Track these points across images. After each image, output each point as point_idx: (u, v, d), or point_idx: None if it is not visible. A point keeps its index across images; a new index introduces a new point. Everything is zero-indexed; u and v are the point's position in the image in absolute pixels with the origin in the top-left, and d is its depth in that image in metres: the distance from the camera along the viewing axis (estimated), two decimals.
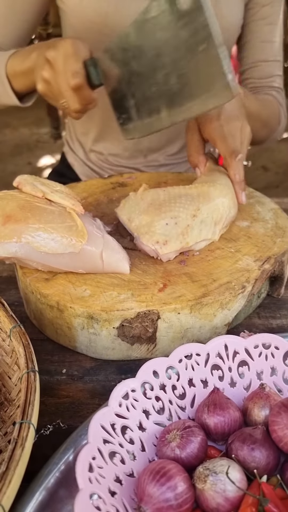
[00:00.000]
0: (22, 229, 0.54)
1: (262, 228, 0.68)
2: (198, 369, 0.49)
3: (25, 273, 0.59)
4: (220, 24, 0.88)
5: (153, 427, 0.45)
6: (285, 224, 0.69)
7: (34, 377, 0.44)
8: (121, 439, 0.43)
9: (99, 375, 0.57)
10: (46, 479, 0.41)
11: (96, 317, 0.54)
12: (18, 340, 0.49)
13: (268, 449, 0.41)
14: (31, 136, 3.76)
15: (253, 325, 0.63)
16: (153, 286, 0.57)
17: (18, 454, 0.38)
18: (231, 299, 0.56)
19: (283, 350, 0.49)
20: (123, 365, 0.58)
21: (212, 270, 0.60)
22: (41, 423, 0.48)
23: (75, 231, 0.55)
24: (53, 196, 0.58)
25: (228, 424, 0.44)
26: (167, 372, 0.48)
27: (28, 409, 0.41)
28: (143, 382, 0.46)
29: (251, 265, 0.60)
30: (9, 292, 0.69)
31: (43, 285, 0.57)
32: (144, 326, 0.55)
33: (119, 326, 0.55)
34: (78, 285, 0.57)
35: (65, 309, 0.55)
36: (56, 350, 0.60)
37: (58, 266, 0.57)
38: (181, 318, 0.55)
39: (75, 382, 0.56)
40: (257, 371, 0.49)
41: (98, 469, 0.39)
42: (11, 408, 0.48)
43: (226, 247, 0.64)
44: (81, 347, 0.58)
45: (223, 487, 0.38)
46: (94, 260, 0.57)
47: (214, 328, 0.57)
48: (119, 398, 0.44)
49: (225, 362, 0.49)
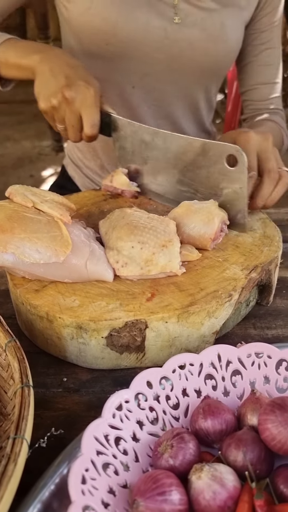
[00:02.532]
0: (8, 239, 0.55)
1: (250, 237, 0.69)
2: (191, 379, 0.49)
3: (16, 284, 0.60)
4: (224, 47, 0.92)
5: (147, 437, 0.46)
6: (273, 233, 0.70)
7: (28, 391, 0.44)
8: (115, 450, 0.43)
9: (95, 387, 0.57)
10: (41, 492, 0.41)
11: (84, 327, 0.55)
12: (13, 355, 0.49)
13: (259, 451, 0.41)
14: (32, 149, 3.80)
15: (249, 336, 0.64)
16: (141, 296, 0.58)
17: (11, 469, 0.38)
18: (218, 307, 0.57)
19: (275, 359, 0.50)
20: (119, 377, 0.58)
21: (200, 279, 0.61)
22: (36, 436, 0.48)
23: (60, 240, 0.56)
24: (42, 206, 0.59)
25: (221, 423, 0.44)
26: (160, 383, 0.48)
27: (22, 424, 0.41)
28: (137, 392, 0.47)
29: (238, 274, 0.61)
30: (6, 306, 0.69)
31: (33, 296, 0.58)
32: (132, 335, 0.56)
33: (108, 336, 0.56)
34: (67, 295, 0.58)
35: (55, 319, 0.56)
36: (52, 363, 0.60)
37: (44, 275, 0.58)
38: (168, 327, 0.56)
39: (71, 394, 0.56)
40: (250, 380, 0.50)
41: (91, 481, 0.39)
42: (7, 422, 0.49)
43: (214, 257, 0.65)
44: (71, 357, 0.59)
45: (220, 475, 0.39)
46: (79, 270, 0.58)
47: (202, 336, 0.58)
48: (112, 409, 0.45)
49: (218, 371, 0.50)
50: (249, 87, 1.03)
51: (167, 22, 0.86)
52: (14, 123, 4.21)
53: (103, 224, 0.68)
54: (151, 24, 0.85)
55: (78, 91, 0.69)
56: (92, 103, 0.69)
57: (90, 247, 0.60)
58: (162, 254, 0.59)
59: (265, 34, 0.97)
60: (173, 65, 0.90)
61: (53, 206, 0.60)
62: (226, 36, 0.90)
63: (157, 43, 0.87)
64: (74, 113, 0.70)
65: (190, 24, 0.87)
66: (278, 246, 0.67)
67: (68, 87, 0.69)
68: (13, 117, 4.29)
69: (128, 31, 0.85)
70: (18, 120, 4.25)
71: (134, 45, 0.87)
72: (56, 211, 0.60)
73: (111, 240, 0.62)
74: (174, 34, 0.87)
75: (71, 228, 0.60)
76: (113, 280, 0.61)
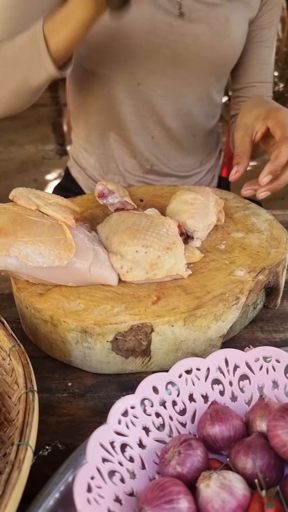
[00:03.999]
0: (11, 243, 0.54)
1: (257, 239, 0.68)
2: (198, 384, 0.48)
3: (19, 288, 0.60)
4: (229, 42, 0.91)
5: (153, 444, 0.44)
6: (280, 235, 0.69)
7: (32, 397, 0.44)
8: (121, 457, 0.42)
9: (100, 392, 0.56)
10: (45, 500, 0.40)
11: (89, 331, 0.54)
12: (17, 359, 0.49)
13: (269, 458, 0.40)
14: (36, 153, 3.81)
15: (257, 340, 0.63)
16: (146, 299, 0.57)
17: (15, 477, 0.37)
18: (225, 310, 0.56)
19: (284, 363, 0.48)
20: (124, 382, 0.57)
21: (206, 282, 0.60)
22: (41, 443, 0.47)
23: (63, 244, 0.56)
24: (46, 209, 0.59)
25: (229, 430, 0.43)
26: (167, 388, 0.47)
27: (26, 431, 0.41)
28: (143, 398, 0.46)
29: (245, 276, 0.60)
30: (10, 310, 0.69)
31: (37, 299, 0.58)
32: (138, 339, 0.55)
33: (113, 340, 0.55)
34: (72, 299, 0.58)
35: (59, 323, 0.55)
36: (57, 368, 0.60)
37: (47, 279, 0.57)
38: (175, 330, 0.55)
39: (76, 400, 0.55)
40: (258, 385, 0.49)
41: (97, 489, 0.38)
42: (11, 428, 0.48)
43: (220, 259, 0.64)
44: (76, 361, 0.58)
45: (228, 483, 0.38)
46: (82, 273, 0.57)
47: (209, 340, 0.57)
48: (118, 415, 0.43)
49: (225, 376, 0.49)
50: (245, 85, 1.03)
51: (172, 18, 0.86)
52: (18, 127, 4.22)
53: (102, 229, 0.67)
54: (156, 20, 0.85)
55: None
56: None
57: (94, 251, 0.59)
58: (168, 257, 0.59)
59: (265, 32, 0.98)
60: (178, 60, 0.90)
61: (57, 209, 0.60)
62: (231, 31, 0.90)
63: (163, 39, 0.87)
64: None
65: (195, 19, 0.87)
66: (285, 247, 0.66)
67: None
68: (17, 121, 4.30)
69: (133, 27, 0.84)
70: (22, 124, 4.26)
71: (140, 42, 0.86)
72: (60, 214, 0.59)
73: (113, 245, 0.61)
74: (179, 30, 0.87)
75: (75, 232, 0.59)
76: (118, 284, 0.60)
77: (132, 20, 0.83)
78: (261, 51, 0.99)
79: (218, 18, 0.88)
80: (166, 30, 0.86)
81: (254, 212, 0.76)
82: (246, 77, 1.03)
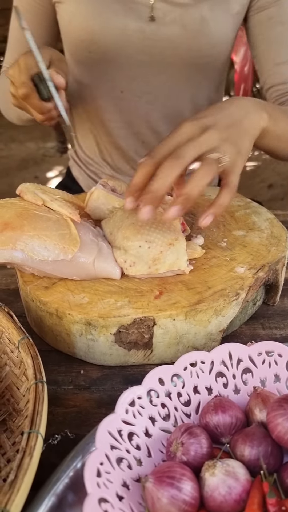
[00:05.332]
0: (17, 236, 0.56)
1: (257, 237, 0.70)
2: (203, 377, 0.50)
3: (25, 282, 0.61)
4: (208, 41, 0.90)
5: (159, 433, 0.46)
6: (280, 233, 0.70)
7: (42, 387, 0.45)
8: (128, 445, 0.44)
9: (106, 385, 0.58)
10: (55, 485, 0.42)
11: (93, 323, 0.56)
12: (26, 352, 0.50)
13: (267, 445, 0.42)
14: (37, 150, 3.82)
15: (258, 336, 0.64)
16: (149, 294, 0.59)
17: (26, 463, 0.38)
18: (225, 305, 0.58)
19: (286, 357, 0.50)
20: (129, 375, 0.59)
21: (207, 278, 0.61)
22: (48, 433, 0.48)
23: (68, 239, 0.57)
24: (52, 204, 0.60)
25: (231, 416, 0.45)
26: (172, 380, 0.49)
27: (36, 419, 0.42)
28: (149, 389, 0.47)
29: (245, 273, 0.62)
30: (17, 304, 0.70)
31: (43, 292, 0.59)
32: (141, 332, 0.56)
33: (116, 332, 0.56)
34: (76, 292, 0.59)
35: (64, 316, 0.57)
36: (63, 361, 0.61)
37: (52, 272, 0.59)
38: (176, 324, 0.56)
39: (82, 392, 0.57)
40: (261, 378, 0.50)
41: (106, 474, 0.40)
42: (19, 418, 0.49)
43: (222, 256, 0.66)
44: (80, 353, 0.60)
45: (232, 470, 0.39)
46: (86, 268, 0.59)
47: (209, 334, 0.59)
48: (125, 405, 0.45)
49: (229, 369, 0.50)
50: (268, 72, 0.92)
51: (145, 24, 0.85)
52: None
53: (106, 225, 0.68)
54: (129, 28, 0.85)
55: (14, 65, 0.69)
56: (21, 68, 0.67)
57: (98, 246, 0.60)
58: (170, 252, 0.60)
59: (272, 10, 0.88)
60: (158, 65, 0.90)
61: (63, 204, 0.61)
62: (208, 30, 0.87)
63: (138, 45, 0.87)
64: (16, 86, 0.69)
65: (169, 22, 0.86)
66: (285, 246, 0.67)
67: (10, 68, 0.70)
68: None
69: (106, 38, 0.86)
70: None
71: (115, 51, 0.87)
72: (65, 210, 0.60)
73: (117, 240, 0.63)
74: (153, 35, 0.86)
75: (80, 227, 0.61)
76: (122, 278, 0.61)
77: (104, 30, 0.85)
78: (272, 30, 0.89)
79: (193, 19, 0.85)
80: (139, 37, 0.86)
81: (255, 211, 0.77)
82: (265, 64, 0.92)
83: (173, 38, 0.87)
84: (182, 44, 0.87)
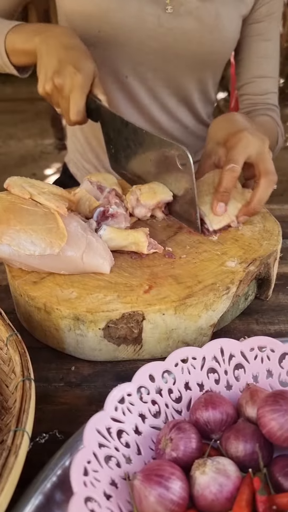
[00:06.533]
0: (3, 231, 0.55)
1: (249, 231, 0.69)
2: (194, 373, 0.49)
3: (14, 276, 0.61)
4: (219, 36, 0.90)
5: (149, 430, 0.45)
6: (272, 227, 0.70)
7: (29, 385, 0.44)
8: (117, 443, 0.43)
9: (97, 382, 0.57)
10: (42, 484, 0.41)
11: (82, 318, 0.55)
12: (14, 349, 0.50)
13: (257, 441, 0.41)
14: (35, 147, 3.81)
15: (251, 331, 0.64)
16: (139, 288, 0.58)
17: (12, 461, 0.38)
18: (215, 300, 0.57)
19: (278, 352, 0.49)
20: (120, 372, 0.58)
21: (197, 272, 0.60)
22: (38, 430, 0.48)
23: (55, 232, 0.56)
24: (39, 197, 0.59)
25: (221, 413, 0.44)
26: (163, 376, 0.48)
27: (23, 417, 0.41)
28: (139, 386, 0.47)
29: (236, 267, 0.61)
30: (8, 301, 0.69)
31: (31, 287, 0.58)
32: (130, 327, 0.56)
33: (105, 327, 0.56)
34: (65, 287, 0.58)
35: (52, 311, 0.56)
36: (54, 358, 0.60)
37: (40, 267, 0.58)
38: (166, 319, 0.56)
39: (73, 389, 0.56)
40: (253, 374, 0.50)
41: (93, 473, 0.39)
42: (8, 416, 0.49)
43: (213, 250, 0.65)
44: (69, 348, 0.59)
45: (223, 467, 0.39)
46: (75, 262, 0.58)
47: (199, 329, 0.58)
48: (115, 402, 0.44)
49: (221, 365, 0.50)
50: (246, 81, 1.01)
51: (161, 11, 0.85)
52: (17, 121, 4.22)
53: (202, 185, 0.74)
54: (144, 11, 0.84)
55: (66, 77, 0.70)
56: (77, 89, 0.69)
57: (87, 240, 0.59)
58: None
59: (263, 25, 0.95)
60: (167, 54, 0.90)
61: (50, 198, 0.60)
62: (222, 26, 0.88)
63: (151, 31, 0.86)
64: (64, 98, 0.72)
65: (184, 13, 0.86)
66: (277, 240, 0.66)
67: (57, 74, 0.70)
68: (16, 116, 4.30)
69: (120, 18, 0.84)
70: (21, 118, 4.26)
71: (127, 33, 0.86)
72: (52, 203, 0.59)
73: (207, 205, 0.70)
74: (167, 23, 0.86)
75: (68, 220, 0.60)
76: (111, 273, 0.61)
77: (119, 9, 0.83)
78: (259, 44, 0.97)
79: (208, 12, 0.86)
80: (153, 23, 0.85)
81: None
82: (245, 73, 1.01)
83: (187, 30, 0.87)
84: (196, 37, 0.88)
